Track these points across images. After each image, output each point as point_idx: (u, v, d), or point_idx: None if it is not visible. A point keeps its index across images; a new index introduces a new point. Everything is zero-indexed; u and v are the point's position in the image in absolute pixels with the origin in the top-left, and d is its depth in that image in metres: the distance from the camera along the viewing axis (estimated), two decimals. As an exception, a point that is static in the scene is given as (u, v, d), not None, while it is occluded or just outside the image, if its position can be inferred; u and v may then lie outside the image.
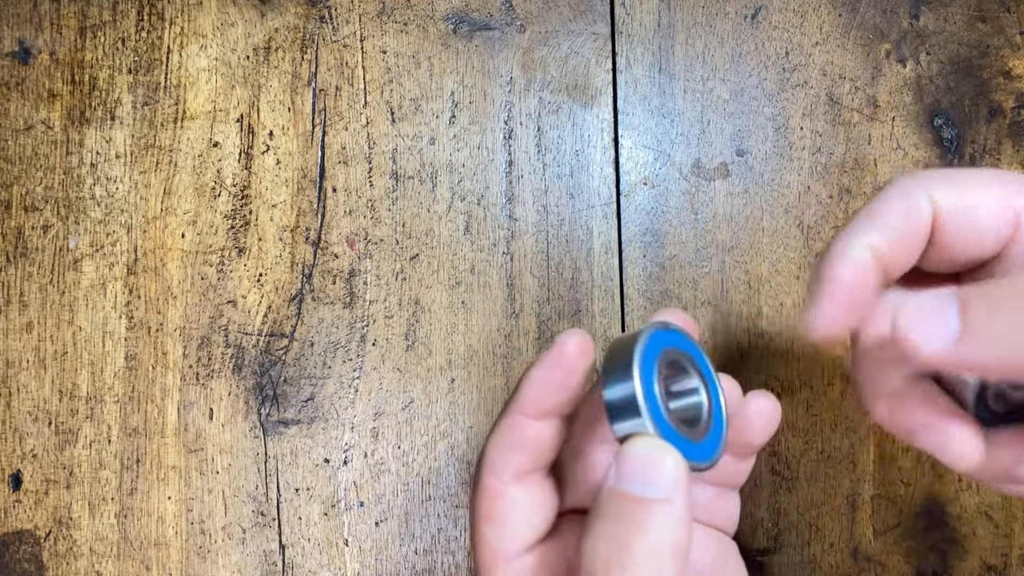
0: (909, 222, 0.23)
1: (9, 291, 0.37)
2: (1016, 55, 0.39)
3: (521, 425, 0.25)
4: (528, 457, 0.25)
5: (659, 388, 0.23)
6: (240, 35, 0.39)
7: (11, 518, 0.37)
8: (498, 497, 0.25)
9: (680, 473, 0.22)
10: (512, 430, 0.25)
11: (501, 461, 0.25)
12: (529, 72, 0.39)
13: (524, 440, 0.25)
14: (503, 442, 0.25)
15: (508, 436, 0.25)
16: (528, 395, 0.24)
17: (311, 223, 0.38)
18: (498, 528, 0.25)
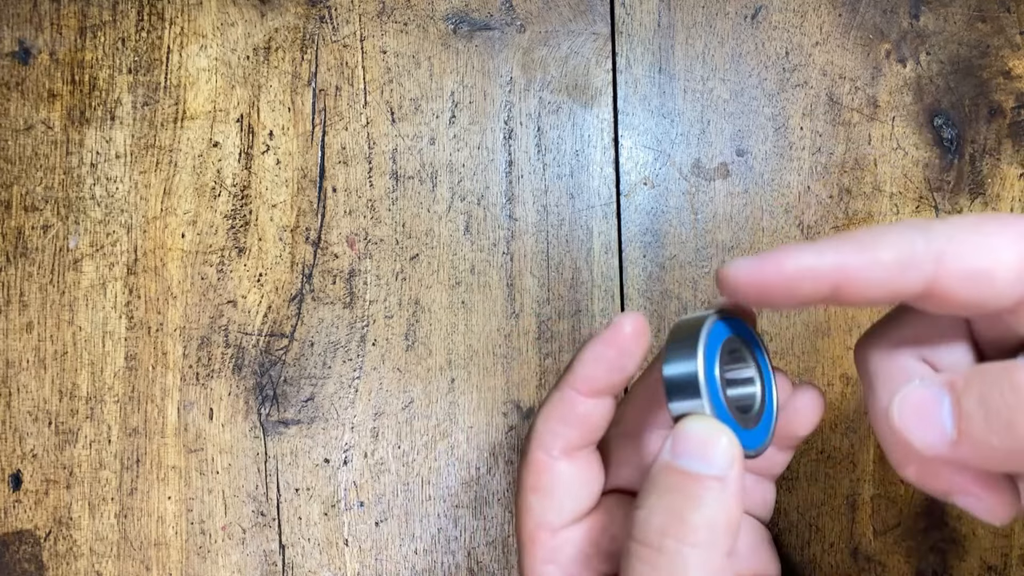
0: (902, 272, 0.20)
1: (9, 291, 0.37)
2: (1016, 55, 0.39)
3: (572, 401, 0.25)
4: (577, 433, 0.25)
5: (718, 372, 0.23)
6: (240, 35, 0.39)
7: (11, 518, 0.37)
8: (545, 471, 0.25)
9: (735, 453, 0.22)
10: (563, 405, 0.25)
11: (551, 435, 0.25)
12: (529, 72, 0.39)
13: (574, 416, 0.25)
14: (553, 416, 0.25)
15: (559, 411, 0.25)
16: (582, 372, 0.25)
17: (311, 223, 0.38)
18: (544, 500, 0.25)
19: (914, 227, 0.21)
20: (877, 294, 0.21)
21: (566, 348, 0.38)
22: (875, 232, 0.21)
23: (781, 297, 0.21)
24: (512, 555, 0.37)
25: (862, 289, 0.21)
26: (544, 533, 0.26)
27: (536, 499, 0.26)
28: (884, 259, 0.20)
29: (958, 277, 0.20)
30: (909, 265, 0.20)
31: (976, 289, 0.20)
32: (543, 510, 0.26)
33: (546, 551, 0.26)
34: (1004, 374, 0.19)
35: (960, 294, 0.20)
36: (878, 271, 0.20)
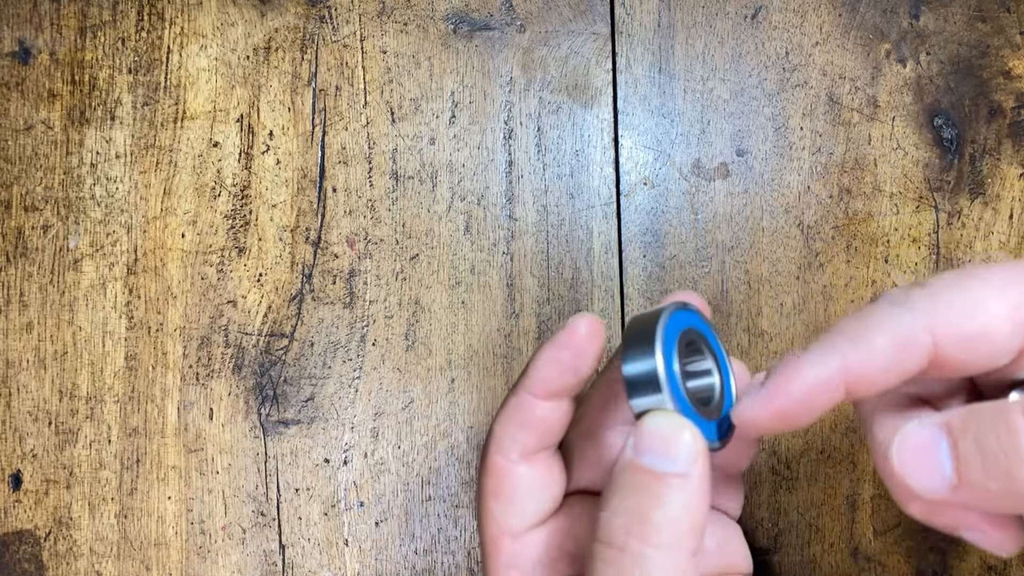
0: (900, 353, 0.20)
1: (9, 291, 0.37)
2: (1016, 55, 0.39)
3: (529, 405, 0.25)
4: (535, 437, 0.25)
5: (677, 366, 0.23)
6: (240, 35, 0.39)
7: (11, 518, 0.37)
8: (505, 475, 0.25)
9: (699, 448, 0.22)
10: (520, 409, 0.25)
11: (508, 440, 0.25)
12: (529, 72, 0.39)
13: (532, 420, 0.25)
14: (510, 420, 0.25)
15: (516, 415, 0.25)
16: (537, 375, 0.24)
17: (311, 223, 0.38)
18: (504, 505, 0.25)
19: (897, 304, 0.21)
20: (885, 381, 0.21)
21: (566, 348, 0.38)
22: (861, 320, 0.21)
23: (801, 418, 0.21)
24: (512, 555, 0.37)
25: (870, 383, 0.21)
26: (506, 538, 0.25)
27: (497, 504, 0.25)
28: (880, 346, 0.20)
29: (956, 344, 0.20)
30: (906, 345, 0.20)
31: (976, 351, 0.20)
32: (504, 515, 0.25)
33: (509, 555, 0.25)
34: (1000, 417, 0.19)
35: (962, 359, 0.20)
36: (879, 360, 0.20)
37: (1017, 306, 0.20)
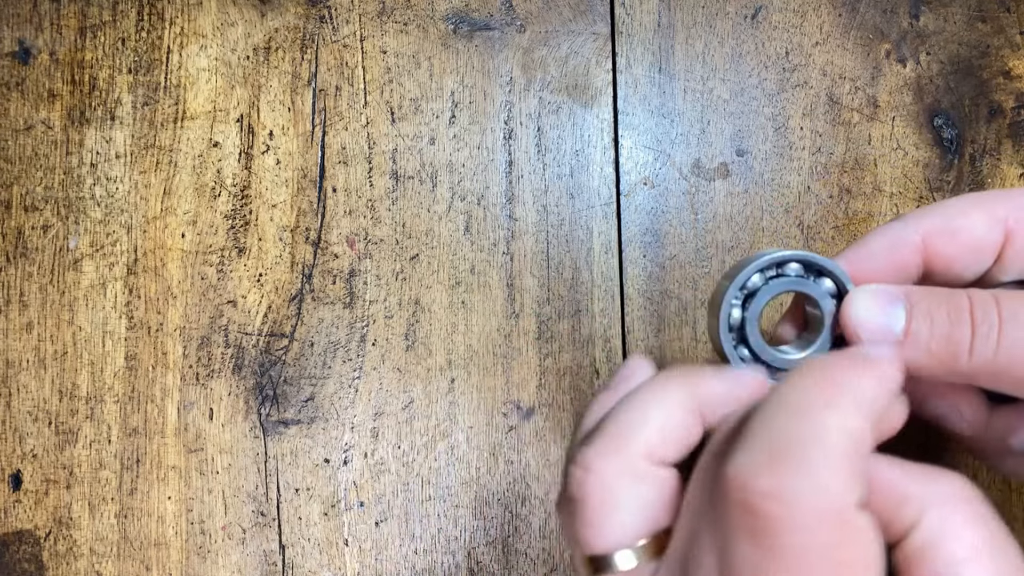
0: (891, 252, 0.24)
1: (9, 291, 0.37)
2: (1016, 55, 0.39)
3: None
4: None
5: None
6: (240, 35, 0.39)
7: (11, 518, 0.37)
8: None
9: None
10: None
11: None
12: (529, 72, 0.39)
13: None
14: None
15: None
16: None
17: (311, 223, 0.38)
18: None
19: (893, 220, 0.25)
20: (884, 275, 0.24)
21: (566, 348, 0.38)
22: (864, 236, 0.26)
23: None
24: (512, 555, 0.37)
25: (870, 277, 0.24)
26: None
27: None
28: (876, 246, 0.25)
29: (941, 239, 0.24)
30: (897, 244, 0.24)
31: (959, 245, 0.24)
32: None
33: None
34: (951, 296, 0.23)
35: (948, 253, 0.24)
36: (877, 257, 0.24)
37: (993, 210, 0.24)
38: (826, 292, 0.25)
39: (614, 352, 0.38)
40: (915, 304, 0.23)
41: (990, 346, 0.22)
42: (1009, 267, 0.25)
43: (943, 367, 0.22)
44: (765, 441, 0.18)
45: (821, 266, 0.25)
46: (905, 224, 0.24)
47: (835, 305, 0.25)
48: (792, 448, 0.18)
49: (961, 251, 0.24)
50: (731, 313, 0.25)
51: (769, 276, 0.25)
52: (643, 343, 0.38)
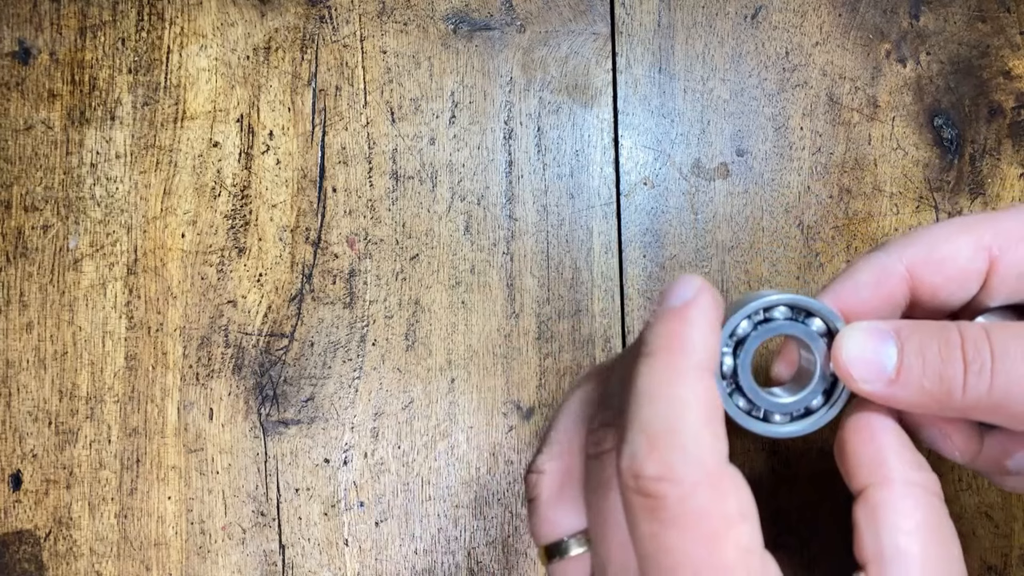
0: (878, 284, 0.24)
1: (9, 291, 0.37)
2: (1016, 55, 0.39)
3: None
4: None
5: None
6: (240, 35, 0.39)
7: (11, 518, 0.37)
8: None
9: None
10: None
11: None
12: (529, 72, 0.39)
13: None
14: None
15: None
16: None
17: (311, 223, 0.38)
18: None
19: (877, 249, 0.25)
20: (873, 309, 0.24)
21: (566, 348, 0.38)
22: (849, 266, 0.25)
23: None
24: (512, 555, 0.37)
25: (860, 312, 0.24)
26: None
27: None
28: (863, 279, 0.24)
29: (926, 269, 0.24)
30: (883, 276, 0.24)
31: (943, 274, 0.24)
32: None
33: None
34: (942, 331, 0.23)
35: (934, 282, 0.24)
36: (863, 290, 0.24)
37: (978, 237, 0.24)
38: (816, 332, 0.25)
39: (614, 352, 0.38)
40: (905, 341, 0.23)
41: (983, 383, 0.22)
42: (995, 293, 0.24)
43: (937, 404, 0.23)
44: (639, 432, 0.21)
45: (809, 307, 0.25)
46: (889, 254, 0.24)
47: (827, 344, 0.25)
48: (662, 432, 0.21)
49: (946, 280, 0.24)
50: (723, 361, 0.25)
51: (757, 321, 0.26)
52: (643, 343, 0.38)
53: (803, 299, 0.25)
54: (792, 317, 0.25)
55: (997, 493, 0.38)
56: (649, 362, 0.22)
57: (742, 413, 0.26)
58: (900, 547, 0.22)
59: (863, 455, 0.24)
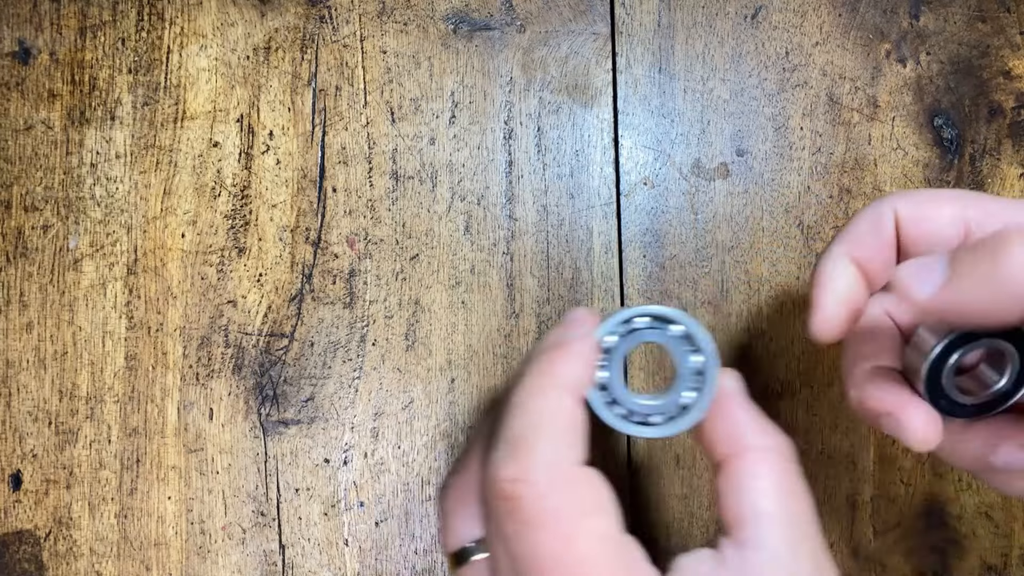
0: (877, 232, 0.27)
1: (9, 291, 0.37)
2: (1016, 55, 0.39)
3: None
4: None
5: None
6: (240, 35, 0.39)
7: (11, 518, 0.37)
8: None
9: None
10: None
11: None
12: (529, 72, 0.39)
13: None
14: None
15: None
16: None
17: (311, 223, 0.38)
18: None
19: (876, 200, 0.28)
20: (873, 247, 0.27)
21: (566, 348, 0.38)
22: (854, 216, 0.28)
23: (850, 314, 0.27)
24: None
25: (871, 259, 0.27)
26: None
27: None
28: (863, 227, 0.27)
29: (911, 215, 0.26)
30: (877, 220, 0.27)
31: (928, 221, 0.26)
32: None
33: None
34: (992, 241, 0.23)
35: (918, 230, 0.26)
36: (864, 235, 0.27)
37: (963, 207, 0.26)
38: (675, 337, 0.27)
39: (614, 352, 0.38)
40: (955, 251, 0.24)
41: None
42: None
43: (989, 294, 0.23)
44: (505, 439, 0.23)
45: (666, 315, 0.27)
46: (882, 203, 0.27)
47: (686, 346, 0.27)
48: (521, 439, 0.23)
49: (922, 236, 0.26)
50: (598, 376, 0.27)
51: (621, 334, 0.28)
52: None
53: (660, 308, 0.27)
54: (653, 326, 0.28)
55: (997, 493, 0.38)
56: (519, 383, 0.24)
57: (621, 420, 0.27)
58: (758, 507, 0.24)
59: (720, 430, 0.26)
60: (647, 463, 0.38)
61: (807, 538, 0.24)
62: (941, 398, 0.26)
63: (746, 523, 0.24)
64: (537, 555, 0.22)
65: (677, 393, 0.28)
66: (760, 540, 0.23)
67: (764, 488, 0.24)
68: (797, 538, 0.24)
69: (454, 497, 0.28)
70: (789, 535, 0.24)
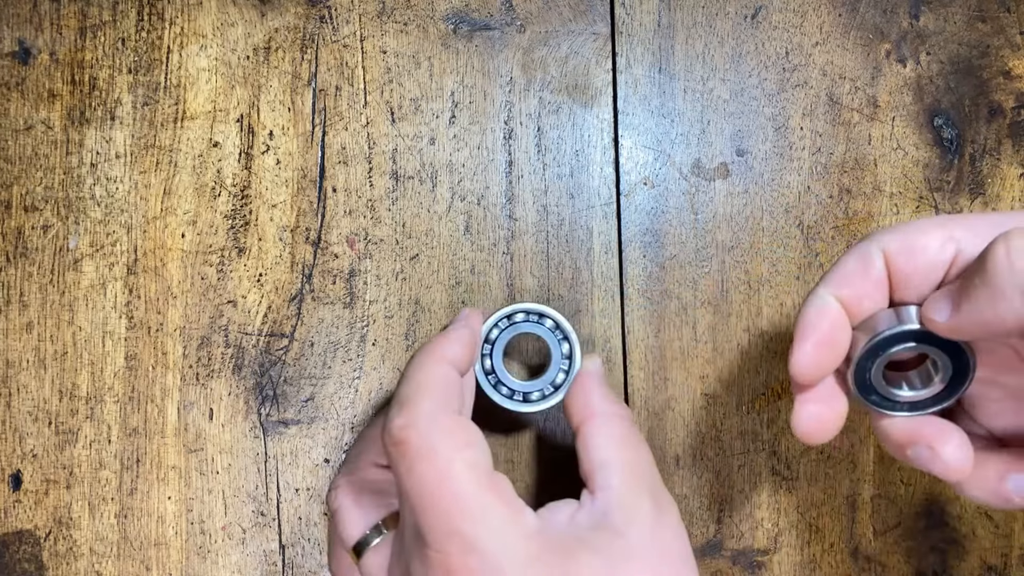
0: (864, 271, 0.27)
1: (9, 291, 0.37)
2: (1016, 55, 0.39)
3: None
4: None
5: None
6: (240, 35, 0.39)
7: (11, 518, 0.37)
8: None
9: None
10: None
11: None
12: (529, 72, 0.39)
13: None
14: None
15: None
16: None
17: (311, 223, 0.38)
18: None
19: (862, 239, 0.28)
20: (861, 288, 0.27)
21: (566, 348, 0.38)
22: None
23: (829, 343, 0.27)
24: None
25: (851, 293, 0.27)
26: None
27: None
28: (849, 265, 0.27)
29: (900, 254, 0.26)
30: (865, 260, 0.27)
31: (914, 258, 0.26)
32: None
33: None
34: (979, 257, 0.24)
35: (907, 267, 0.26)
36: (850, 275, 0.27)
37: (950, 230, 0.26)
38: (548, 328, 0.34)
39: (614, 352, 0.38)
40: (955, 290, 0.25)
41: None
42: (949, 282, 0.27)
43: (981, 327, 0.25)
44: (396, 402, 0.28)
45: (541, 311, 0.34)
46: (870, 243, 0.27)
47: (557, 336, 0.34)
48: (409, 396, 0.27)
49: (916, 269, 0.26)
50: (483, 362, 0.34)
51: (503, 327, 0.34)
52: (643, 343, 0.38)
53: (535, 306, 0.34)
54: (528, 319, 0.34)
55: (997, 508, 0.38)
56: (411, 359, 0.29)
57: (505, 399, 0.34)
58: (603, 458, 0.29)
59: (576, 403, 0.31)
60: (647, 463, 0.38)
61: (644, 478, 0.29)
62: (872, 393, 0.28)
63: (595, 472, 0.28)
64: (422, 484, 0.26)
65: (552, 375, 0.34)
66: (605, 483, 0.28)
67: (607, 443, 0.29)
68: (635, 479, 0.28)
69: (344, 493, 0.31)
70: (628, 478, 0.28)
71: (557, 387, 0.34)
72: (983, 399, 0.28)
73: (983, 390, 0.28)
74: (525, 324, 0.34)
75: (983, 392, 0.28)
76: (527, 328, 0.34)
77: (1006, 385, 0.28)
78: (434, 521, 0.25)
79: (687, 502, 0.38)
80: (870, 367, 0.27)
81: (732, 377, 0.38)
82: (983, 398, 0.28)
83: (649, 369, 0.38)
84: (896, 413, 0.28)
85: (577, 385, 0.32)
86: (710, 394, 0.38)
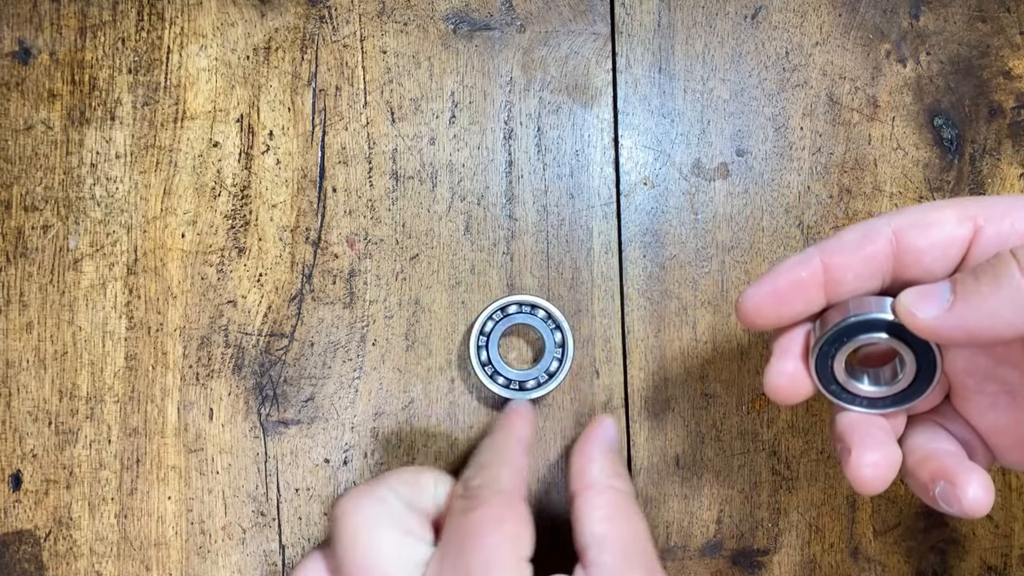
0: (860, 243, 0.26)
1: (9, 291, 0.37)
2: (1016, 55, 0.39)
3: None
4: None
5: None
6: (240, 35, 0.39)
7: (11, 518, 0.37)
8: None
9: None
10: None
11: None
12: (529, 72, 0.39)
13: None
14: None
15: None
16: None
17: (311, 223, 0.38)
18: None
19: (868, 219, 0.27)
20: (855, 263, 0.26)
21: (566, 348, 0.38)
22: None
23: (789, 303, 0.26)
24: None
25: (843, 264, 0.26)
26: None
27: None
28: (849, 237, 0.26)
29: (913, 230, 0.25)
30: (869, 235, 0.25)
31: (929, 236, 0.25)
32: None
33: None
34: (994, 263, 0.24)
35: (919, 245, 0.25)
36: (848, 248, 0.26)
37: (965, 208, 0.25)
38: (541, 319, 0.36)
39: (614, 352, 0.38)
40: (958, 276, 0.24)
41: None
42: (974, 264, 0.25)
43: (996, 309, 0.23)
44: (475, 466, 0.31)
45: (533, 302, 0.36)
46: (878, 219, 0.26)
47: (549, 326, 0.36)
48: (487, 464, 0.30)
49: (931, 245, 0.25)
50: (479, 354, 0.35)
51: (498, 320, 0.35)
52: (643, 343, 0.38)
53: (528, 297, 0.36)
54: (522, 311, 0.36)
55: (997, 493, 0.38)
56: (492, 435, 0.33)
57: (503, 388, 0.35)
58: (596, 532, 0.29)
59: (576, 468, 0.31)
60: (647, 463, 0.38)
61: (638, 555, 0.29)
62: (832, 383, 0.27)
63: (588, 548, 0.29)
64: (471, 526, 0.28)
65: (546, 363, 0.35)
66: (598, 559, 0.28)
67: (601, 516, 0.29)
68: (629, 556, 0.28)
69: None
70: (621, 555, 0.28)
71: (551, 375, 0.35)
72: (976, 392, 0.28)
73: (978, 383, 0.27)
74: (519, 315, 0.36)
75: (978, 385, 0.28)
76: (520, 319, 0.35)
77: (1005, 380, 0.27)
78: (473, 563, 0.27)
79: (687, 502, 0.38)
80: (833, 352, 0.27)
81: (732, 377, 0.38)
82: (976, 391, 0.28)
83: (649, 369, 0.38)
84: (853, 408, 0.27)
85: (580, 449, 0.32)
86: (710, 394, 0.38)
